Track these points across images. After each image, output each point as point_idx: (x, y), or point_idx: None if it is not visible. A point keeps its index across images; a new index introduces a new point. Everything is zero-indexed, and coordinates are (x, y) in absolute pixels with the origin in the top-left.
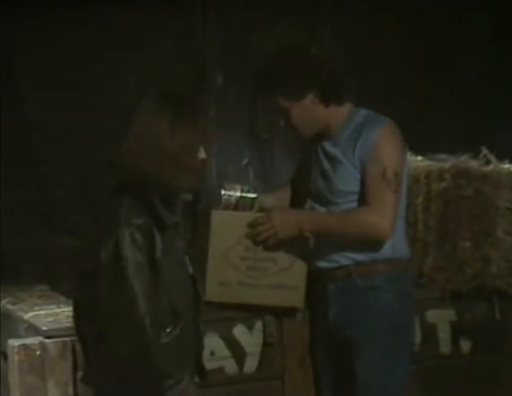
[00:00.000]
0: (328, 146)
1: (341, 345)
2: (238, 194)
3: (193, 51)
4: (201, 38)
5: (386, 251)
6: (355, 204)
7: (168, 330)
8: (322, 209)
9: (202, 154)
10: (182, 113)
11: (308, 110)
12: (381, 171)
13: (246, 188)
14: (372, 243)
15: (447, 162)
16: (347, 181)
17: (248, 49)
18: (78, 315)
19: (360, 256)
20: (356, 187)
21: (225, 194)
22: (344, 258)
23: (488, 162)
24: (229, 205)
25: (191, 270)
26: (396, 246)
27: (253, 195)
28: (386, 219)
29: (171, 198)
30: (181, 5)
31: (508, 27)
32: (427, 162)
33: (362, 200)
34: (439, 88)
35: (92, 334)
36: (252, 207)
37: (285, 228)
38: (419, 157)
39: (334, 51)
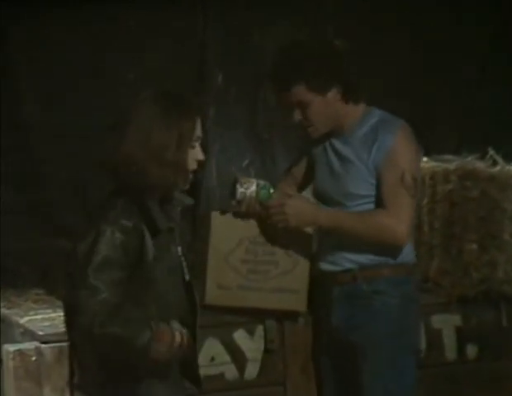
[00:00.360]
0: (338, 144)
1: (345, 350)
2: (254, 188)
3: (193, 51)
4: (201, 38)
5: (391, 255)
6: (365, 208)
7: None
8: None
9: (200, 155)
10: (177, 112)
11: (329, 106)
12: (399, 176)
13: (262, 183)
14: (388, 247)
15: (452, 163)
16: (359, 184)
17: (248, 49)
18: (67, 318)
19: (365, 260)
20: (367, 191)
21: (240, 188)
22: (349, 262)
23: (495, 164)
24: (244, 199)
25: (187, 276)
26: (402, 250)
27: (270, 189)
28: (404, 223)
29: (168, 202)
30: (181, 5)
31: (508, 27)
32: (432, 163)
33: (379, 204)
34: (439, 88)
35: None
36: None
37: (299, 218)
38: (425, 158)
39: None
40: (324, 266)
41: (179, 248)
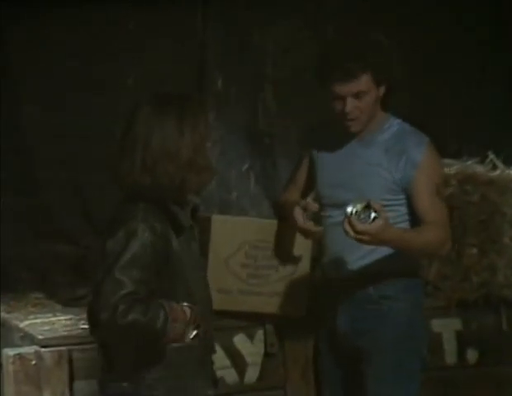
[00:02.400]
0: (359, 147)
1: (351, 354)
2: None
3: (193, 51)
4: (201, 38)
5: (400, 258)
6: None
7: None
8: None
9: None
10: (185, 113)
11: (376, 101)
12: (434, 189)
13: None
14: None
15: (452, 167)
16: (380, 191)
17: (248, 50)
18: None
19: (372, 266)
20: (386, 201)
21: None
22: (357, 263)
23: (494, 168)
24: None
25: (203, 272)
26: (410, 256)
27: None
28: (448, 235)
29: (184, 201)
30: (181, 5)
31: (508, 27)
32: None
33: (421, 218)
34: (439, 89)
35: None
36: None
37: (378, 239)
38: None
39: None
40: (331, 272)
41: (197, 245)
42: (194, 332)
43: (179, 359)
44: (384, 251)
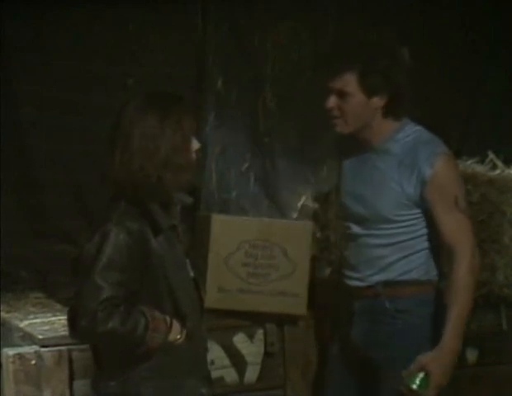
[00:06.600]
0: (371, 157)
1: (362, 365)
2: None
3: (193, 51)
4: (201, 38)
5: (418, 273)
6: (394, 232)
7: None
8: (360, 231)
9: (196, 145)
10: (169, 113)
11: (367, 109)
12: (451, 202)
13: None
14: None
15: None
16: (392, 207)
17: (248, 51)
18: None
19: (391, 277)
20: (399, 217)
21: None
22: (374, 278)
23: (494, 167)
24: None
25: (192, 273)
26: (429, 269)
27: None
28: (474, 251)
29: (168, 201)
30: (181, 5)
31: (508, 27)
32: None
33: (441, 241)
34: (439, 89)
35: None
36: None
37: (448, 374)
38: None
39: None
40: (349, 281)
41: (182, 245)
42: (178, 337)
43: (168, 358)
44: (403, 266)
